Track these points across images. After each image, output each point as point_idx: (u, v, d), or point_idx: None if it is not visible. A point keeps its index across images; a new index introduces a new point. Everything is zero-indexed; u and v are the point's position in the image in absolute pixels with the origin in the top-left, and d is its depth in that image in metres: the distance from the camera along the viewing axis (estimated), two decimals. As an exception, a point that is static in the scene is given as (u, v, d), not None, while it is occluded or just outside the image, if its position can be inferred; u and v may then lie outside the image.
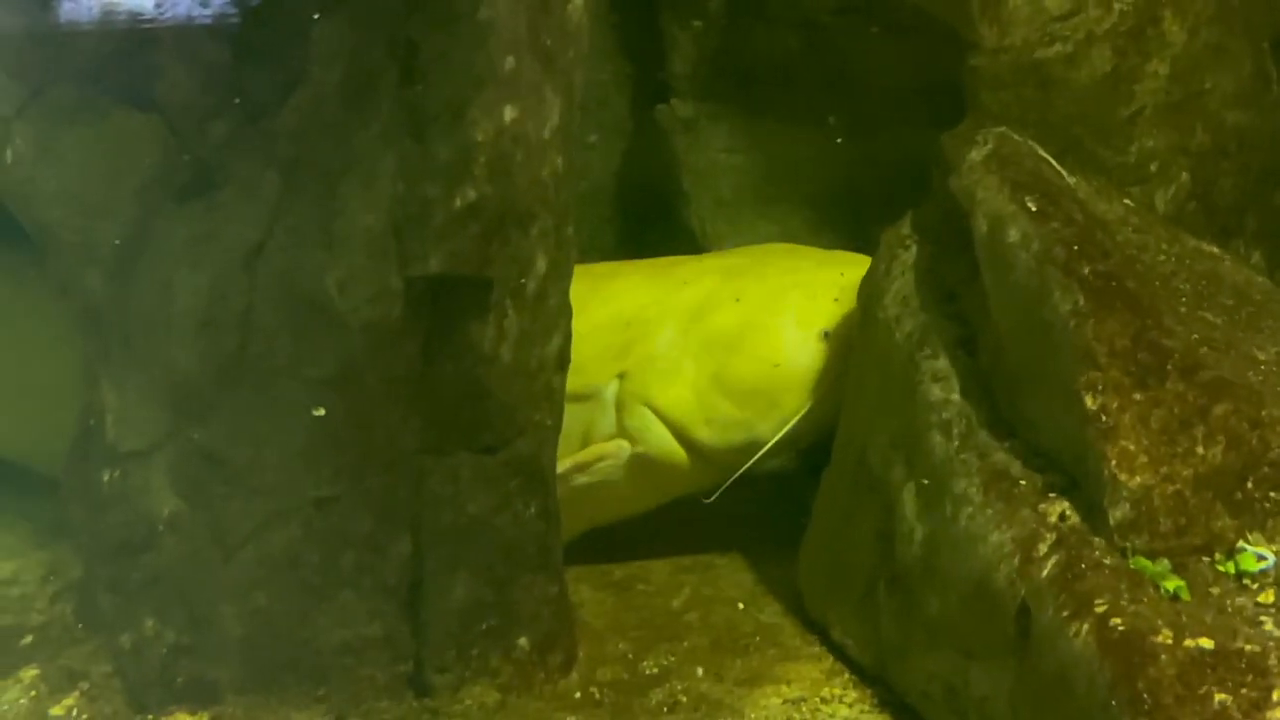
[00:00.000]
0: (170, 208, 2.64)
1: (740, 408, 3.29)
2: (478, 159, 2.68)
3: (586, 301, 3.15)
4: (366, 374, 2.70)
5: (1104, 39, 3.36)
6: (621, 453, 3.36)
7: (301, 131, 2.61)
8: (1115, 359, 2.51)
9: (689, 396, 3.32)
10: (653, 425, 3.35)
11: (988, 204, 2.83)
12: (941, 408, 2.83)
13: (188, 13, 2.58)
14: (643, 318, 3.41)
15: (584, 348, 3.20)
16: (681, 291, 3.44)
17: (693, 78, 3.95)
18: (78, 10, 2.60)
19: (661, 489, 3.43)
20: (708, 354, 3.33)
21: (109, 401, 2.74)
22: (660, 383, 3.34)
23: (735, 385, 3.30)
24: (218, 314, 2.65)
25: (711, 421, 3.31)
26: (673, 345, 3.36)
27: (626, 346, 3.38)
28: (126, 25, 2.59)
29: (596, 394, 3.38)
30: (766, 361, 3.30)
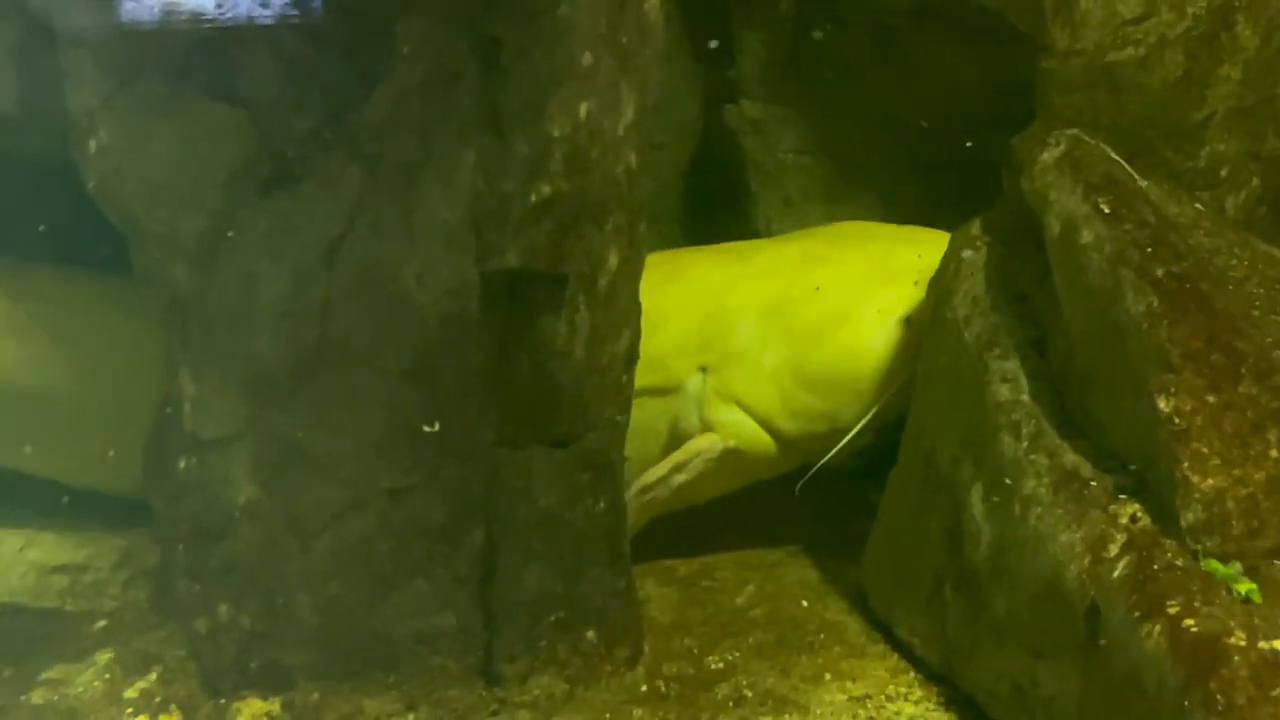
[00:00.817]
0: (254, 200, 2.67)
1: (823, 399, 3.31)
2: (554, 154, 2.70)
3: (662, 292, 3.17)
4: (442, 366, 2.73)
5: (1176, 43, 3.35)
6: (714, 447, 3.37)
7: (383, 126, 2.64)
8: (1189, 361, 2.51)
9: (772, 390, 3.33)
10: (739, 419, 3.36)
11: (1060, 205, 2.84)
12: (1011, 408, 2.83)
13: (274, 9, 2.61)
14: (721, 309, 3.41)
15: (663, 341, 3.26)
16: (760, 281, 3.44)
17: (762, 79, 3.96)
18: (165, 4, 2.64)
19: (746, 475, 3.45)
20: (789, 346, 3.33)
21: (188, 390, 2.78)
22: (743, 377, 3.35)
23: (817, 377, 3.31)
24: (298, 305, 2.68)
25: (795, 414, 3.33)
26: (753, 338, 3.36)
27: (707, 340, 3.39)
28: (213, 20, 2.62)
29: (679, 388, 3.39)
30: (848, 352, 3.30)
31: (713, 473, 3.40)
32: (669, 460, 3.37)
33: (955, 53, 3.74)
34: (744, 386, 3.36)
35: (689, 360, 3.38)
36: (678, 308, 3.40)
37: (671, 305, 3.36)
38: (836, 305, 3.33)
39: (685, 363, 3.38)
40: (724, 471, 3.41)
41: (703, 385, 3.39)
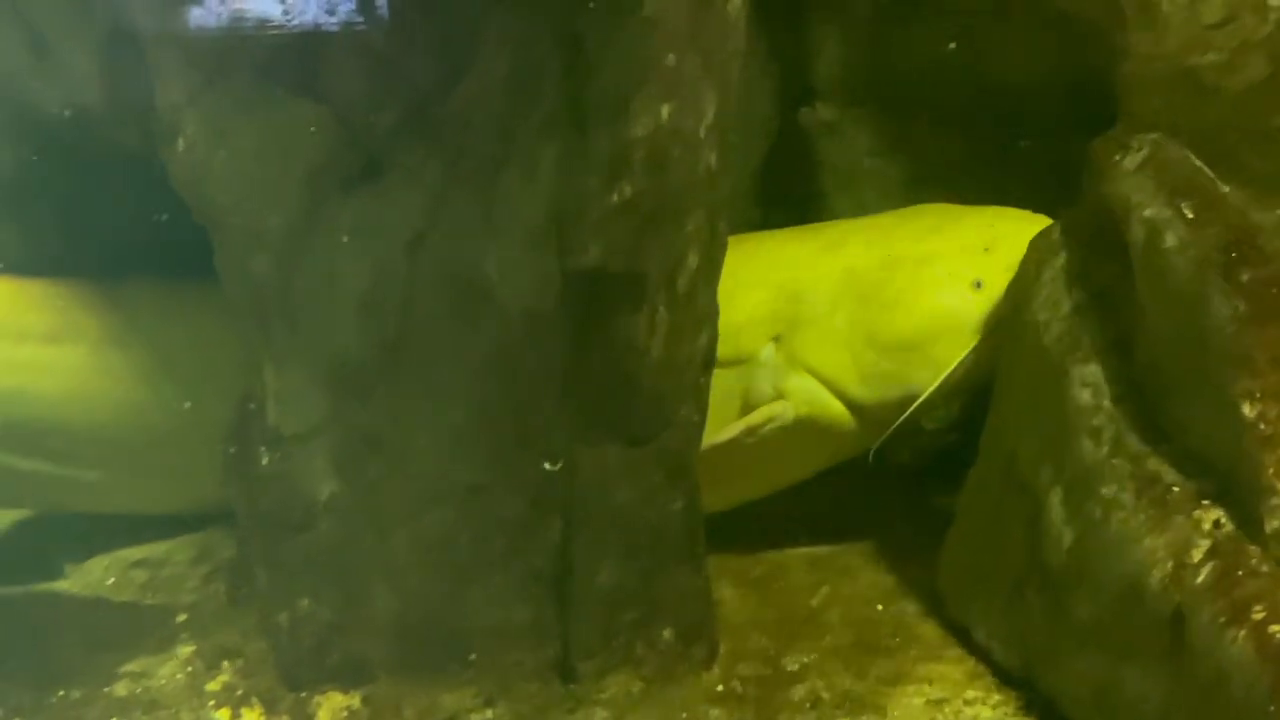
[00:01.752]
0: (336, 195, 2.69)
1: (894, 361, 3.29)
2: (636, 153, 2.71)
3: (736, 268, 3.16)
4: (523, 361, 2.75)
5: (1259, 47, 3.32)
6: (786, 414, 3.35)
7: (466, 122, 2.65)
8: (1275, 366, 2.49)
9: (843, 354, 3.32)
10: (812, 387, 3.35)
11: (1143, 210, 2.81)
12: (1091, 413, 2.82)
13: (357, 5, 2.63)
14: (794, 281, 3.41)
15: (736, 313, 3.25)
16: (832, 254, 3.45)
17: (837, 80, 3.95)
18: (249, 2, 2.66)
19: (828, 451, 3.43)
20: (859, 311, 3.33)
21: (271, 385, 2.81)
22: (814, 343, 3.35)
23: (887, 339, 3.30)
24: (380, 299, 2.70)
25: (866, 377, 3.31)
26: (825, 305, 3.36)
27: (779, 310, 3.39)
28: (297, 17, 2.63)
29: (752, 358, 3.39)
30: (917, 313, 3.29)
31: (788, 447, 3.39)
32: (740, 422, 3.35)
33: (1035, 53, 3.71)
34: (815, 352, 3.35)
35: (761, 330, 3.38)
36: (750, 280, 3.40)
37: (743, 278, 3.35)
38: (907, 270, 3.33)
39: (758, 333, 3.38)
40: (799, 446, 3.40)
41: (775, 354, 3.39)
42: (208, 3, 2.69)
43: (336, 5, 2.64)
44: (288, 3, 2.66)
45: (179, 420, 3.35)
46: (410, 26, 2.64)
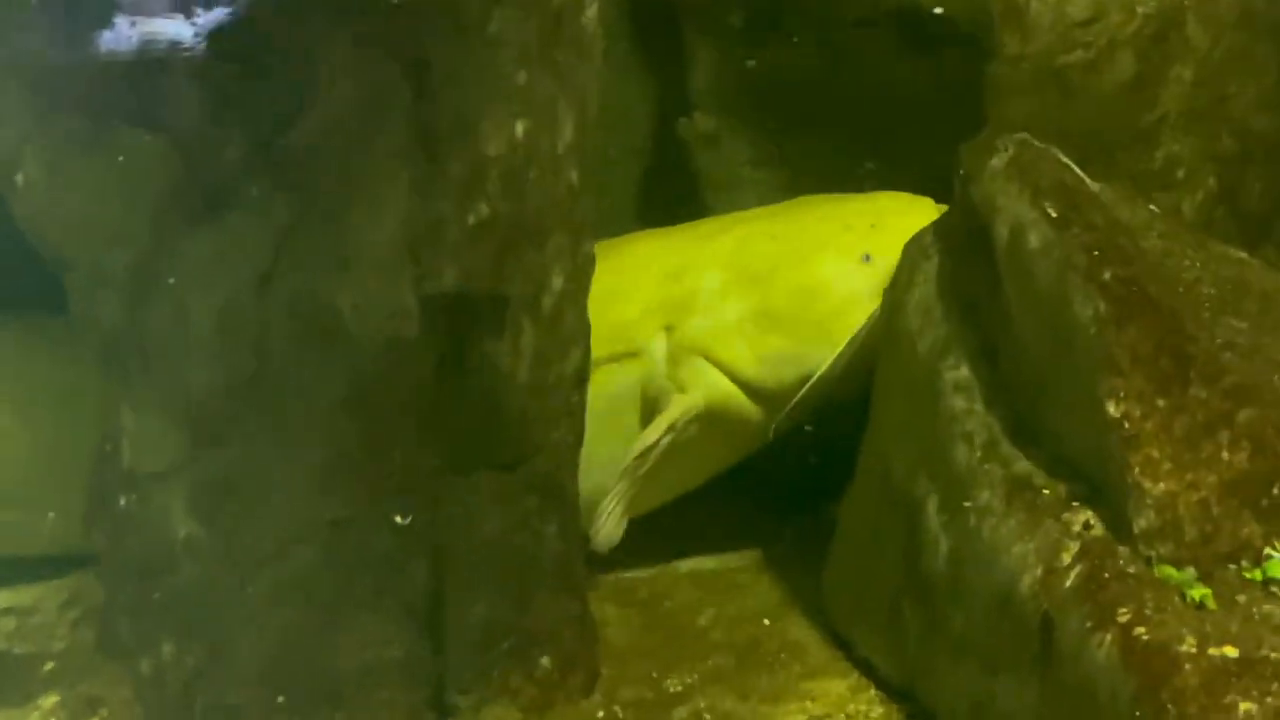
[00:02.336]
0: (182, 231, 2.62)
1: (788, 339, 3.26)
2: (490, 174, 2.67)
3: (621, 264, 3.18)
4: (382, 394, 2.69)
5: (1126, 44, 3.33)
6: (692, 408, 3.31)
7: (312, 152, 2.60)
8: (1138, 365, 2.47)
9: (736, 337, 3.30)
10: (707, 373, 3.32)
11: (1008, 211, 2.79)
12: (964, 418, 2.80)
13: (197, 38, 2.57)
14: (682, 269, 3.39)
15: (627, 308, 3.26)
16: (717, 240, 3.43)
17: (714, 91, 3.93)
18: (87, 37, 2.60)
19: (736, 441, 3.39)
20: (748, 292, 3.31)
21: (126, 425, 2.73)
22: (706, 328, 3.32)
23: (779, 317, 3.27)
24: (231, 336, 2.63)
25: (762, 358, 3.28)
26: (714, 290, 3.34)
27: (669, 300, 3.36)
28: (136, 51, 2.57)
29: (645, 350, 3.35)
30: (807, 289, 3.27)
31: (695, 441, 3.34)
32: (661, 419, 3.31)
33: (906, 60, 3.71)
34: (708, 337, 3.32)
35: (652, 322, 3.36)
36: (636, 274, 3.39)
37: (629, 273, 3.35)
38: (794, 248, 3.32)
39: (648, 324, 3.36)
40: (710, 437, 3.35)
41: (668, 344, 3.35)
42: (42, 35, 2.62)
43: (175, 39, 2.58)
44: (126, 38, 2.60)
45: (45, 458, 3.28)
46: (251, 56, 2.58)
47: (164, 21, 2.57)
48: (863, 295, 3.24)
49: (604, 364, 3.18)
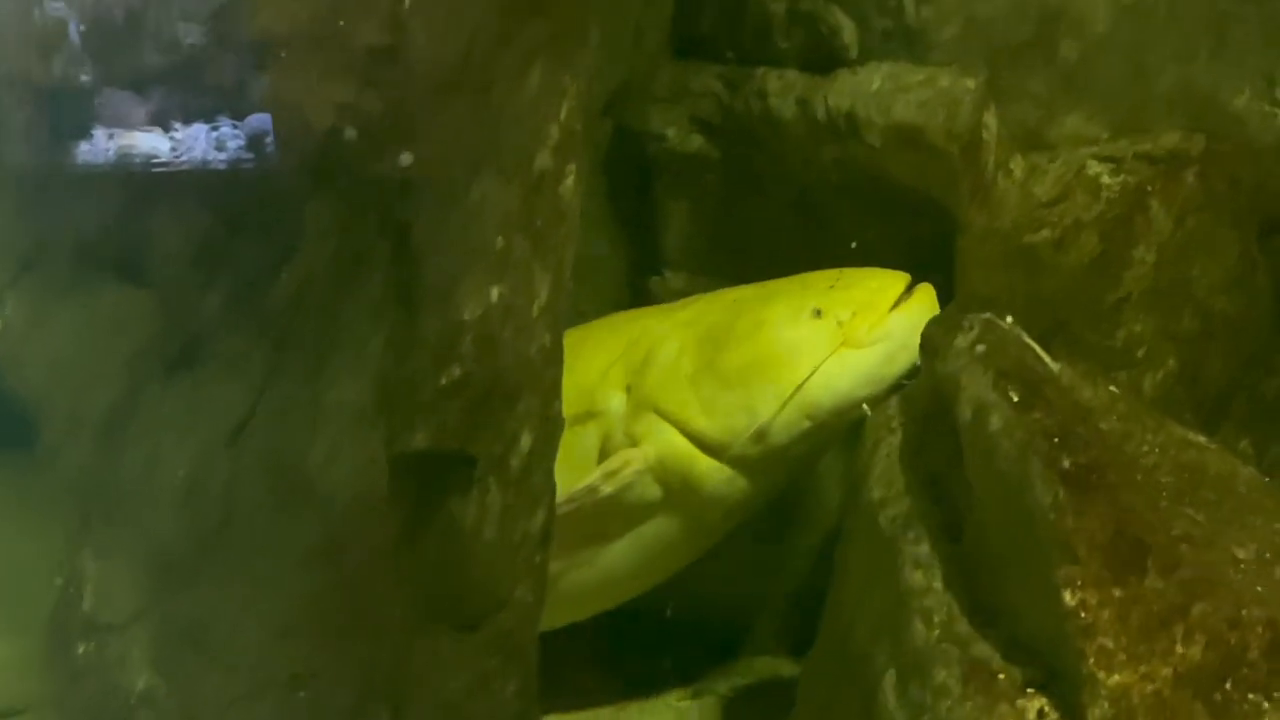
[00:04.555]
0: (159, 380, 2.66)
1: (734, 389, 3.29)
2: (465, 336, 2.70)
3: (589, 335, 3.26)
4: (349, 549, 2.70)
5: (1091, 225, 3.40)
6: (633, 460, 3.34)
7: (291, 307, 2.64)
8: (1095, 554, 2.50)
9: (687, 390, 3.33)
10: (660, 427, 3.35)
11: (971, 391, 2.83)
12: (923, 594, 2.81)
13: (183, 189, 2.61)
14: (645, 335, 3.45)
15: (589, 371, 3.33)
16: (682, 310, 3.51)
17: (686, 250, 3.99)
18: (72, 185, 2.64)
19: (695, 513, 3.40)
20: (701, 349, 3.36)
21: (89, 571, 2.74)
22: (661, 384, 3.36)
23: (726, 368, 3.31)
24: (201, 486, 2.66)
25: (711, 410, 3.31)
26: (672, 351, 3.39)
27: (629, 361, 3.42)
28: (121, 199, 2.62)
29: (605, 409, 3.40)
30: (754, 340, 3.31)
31: (659, 509, 3.37)
32: (600, 468, 3.34)
33: (879, 224, 3.77)
34: (662, 393, 3.36)
35: (612, 384, 3.41)
36: (600, 342, 3.46)
37: (594, 342, 3.43)
38: (749, 310, 3.38)
39: (608, 385, 3.41)
40: (672, 507, 3.38)
41: (625, 403, 3.39)
42: (27, 185, 2.66)
43: (162, 190, 2.62)
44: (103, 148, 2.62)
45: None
46: (235, 211, 2.63)
47: (142, 135, 2.61)
48: (810, 346, 3.28)
49: (566, 426, 3.21)
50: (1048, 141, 3.49)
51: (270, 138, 2.52)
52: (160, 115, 2.57)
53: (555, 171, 2.85)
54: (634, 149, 4.00)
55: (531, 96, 2.70)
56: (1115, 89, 3.45)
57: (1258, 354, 3.58)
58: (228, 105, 2.48)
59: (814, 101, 3.61)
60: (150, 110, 2.56)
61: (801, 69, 3.72)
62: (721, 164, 3.89)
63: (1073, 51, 3.44)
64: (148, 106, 2.56)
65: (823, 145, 3.62)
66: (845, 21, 3.59)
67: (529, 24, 2.49)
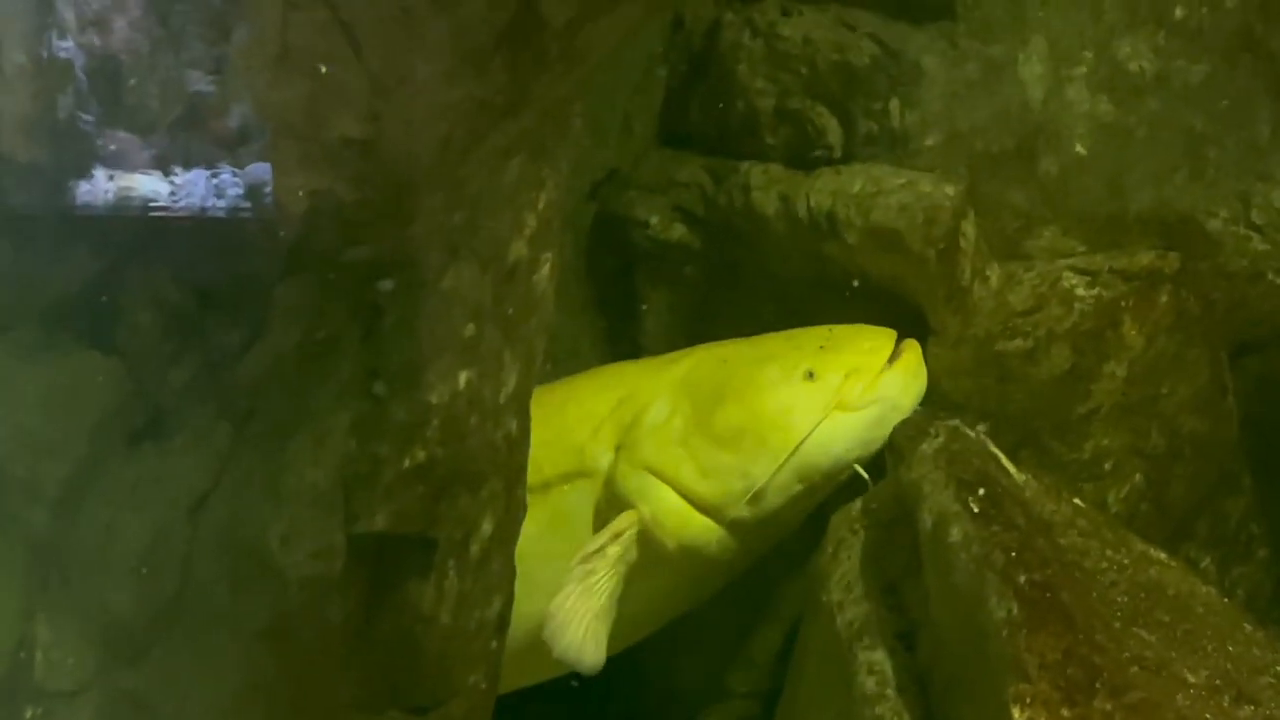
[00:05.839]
0: (121, 450, 2.64)
1: (729, 452, 3.31)
2: (431, 421, 2.70)
3: (578, 389, 3.25)
4: (303, 628, 2.69)
5: (1064, 338, 3.43)
6: (629, 523, 3.35)
7: (258, 385, 2.63)
8: (1045, 673, 2.51)
9: (680, 452, 3.35)
10: (655, 488, 3.35)
11: (933, 500, 2.86)
12: (875, 701, 2.82)
13: (156, 262, 2.61)
14: (635, 392, 3.47)
15: (579, 429, 3.36)
16: (672, 366, 3.53)
17: (664, 337, 4.02)
18: (43, 249, 2.63)
19: (686, 571, 3.41)
20: (694, 408, 3.37)
21: (41, 638, 2.72)
22: (653, 444, 3.38)
23: (720, 430, 3.32)
24: (157, 559, 2.64)
25: (705, 471, 3.33)
26: (663, 410, 3.40)
27: (620, 420, 3.43)
28: (93, 269, 2.61)
29: (595, 469, 3.41)
30: (746, 403, 3.33)
31: (654, 565, 3.37)
32: (606, 530, 3.34)
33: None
34: (655, 453, 3.37)
35: (604, 442, 3.41)
36: (593, 396, 3.48)
37: (583, 397, 3.45)
38: (741, 368, 3.40)
39: (598, 444, 3.40)
40: (665, 562, 3.38)
41: (617, 462, 3.39)
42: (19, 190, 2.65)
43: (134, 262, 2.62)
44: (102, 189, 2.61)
45: None
46: (208, 286, 2.63)
47: (143, 177, 2.61)
48: (803, 409, 3.31)
49: (555, 483, 3.26)
50: (1025, 252, 3.52)
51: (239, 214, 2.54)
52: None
53: (530, 261, 2.86)
54: (617, 235, 4.04)
55: (509, 187, 2.72)
56: (1093, 204, 3.49)
57: (1224, 474, 3.60)
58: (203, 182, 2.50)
59: (796, 198, 3.64)
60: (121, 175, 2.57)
61: (786, 165, 3.75)
62: (702, 254, 3.92)
63: (1053, 166, 3.48)
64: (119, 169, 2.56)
65: (802, 242, 3.65)
66: (831, 122, 3.63)
67: (507, 119, 2.50)
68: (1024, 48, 3.52)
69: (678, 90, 4.02)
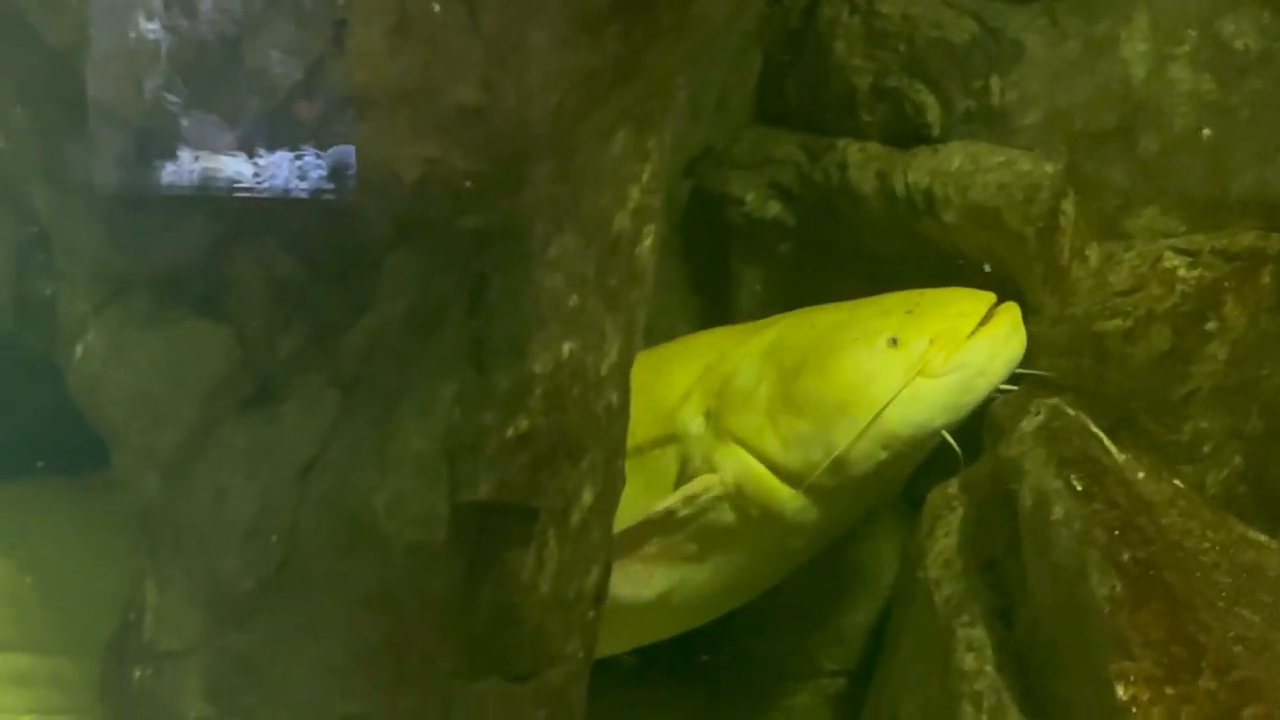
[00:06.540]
0: (232, 417, 2.69)
1: (811, 420, 3.28)
2: (534, 391, 2.72)
3: (673, 354, 3.26)
4: (406, 595, 2.72)
5: (1164, 318, 3.40)
6: (719, 483, 3.34)
7: (366, 354, 2.66)
8: (1149, 650, 2.50)
9: (764, 420, 3.33)
10: (738, 455, 3.34)
11: (1034, 477, 2.85)
12: (974, 678, 2.82)
13: (269, 232, 2.65)
14: (724, 358, 3.47)
15: (670, 394, 3.35)
16: (763, 332, 3.51)
17: (757, 314, 4.00)
18: (162, 220, 2.68)
19: (771, 540, 3.40)
20: (779, 376, 3.35)
21: (150, 599, 2.78)
22: (739, 412, 3.36)
23: (803, 399, 3.30)
24: (266, 525, 2.68)
25: (786, 440, 3.30)
26: (750, 376, 3.39)
27: (709, 386, 3.43)
28: (207, 239, 2.65)
29: (684, 434, 3.40)
30: (827, 372, 3.30)
31: (740, 532, 3.37)
32: (679, 492, 3.34)
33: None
34: (740, 421, 3.35)
35: (693, 407, 3.41)
36: (683, 363, 3.48)
37: (676, 362, 3.45)
38: (825, 334, 3.37)
39: (690, 409, 3.41)
40: (751, 531, 3.37)
41: (705, 428, 3.38)
42: (118, 216, 2.71)
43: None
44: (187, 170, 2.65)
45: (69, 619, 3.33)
46: (318, 256, 2.67)
47: (227, 159, 2.65)
48: (884, 376, 3.26)
49: (647, 448, 3.25)
50: (1124, 231, 3.50)
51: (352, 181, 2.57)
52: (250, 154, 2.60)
53: (633, 233, 2.88)
54: (712, 212, 4.04)
55: (615, 158, 2.73)
56: (1194, 184, 3.46)
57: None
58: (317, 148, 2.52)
59: (893, 176, 3.63)
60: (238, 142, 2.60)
61: (883, 142, 3.74)
62: (797, 232, 3.92)
63: (1153, 144, 3.45)
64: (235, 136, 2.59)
65: (899, 220, 3.64)
66: (929, 100, 3.62)
67: (618, 89, 2.51)
68: (1126, 25, 3.49)
69: (774, 67, 4.02)
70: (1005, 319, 3.31)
